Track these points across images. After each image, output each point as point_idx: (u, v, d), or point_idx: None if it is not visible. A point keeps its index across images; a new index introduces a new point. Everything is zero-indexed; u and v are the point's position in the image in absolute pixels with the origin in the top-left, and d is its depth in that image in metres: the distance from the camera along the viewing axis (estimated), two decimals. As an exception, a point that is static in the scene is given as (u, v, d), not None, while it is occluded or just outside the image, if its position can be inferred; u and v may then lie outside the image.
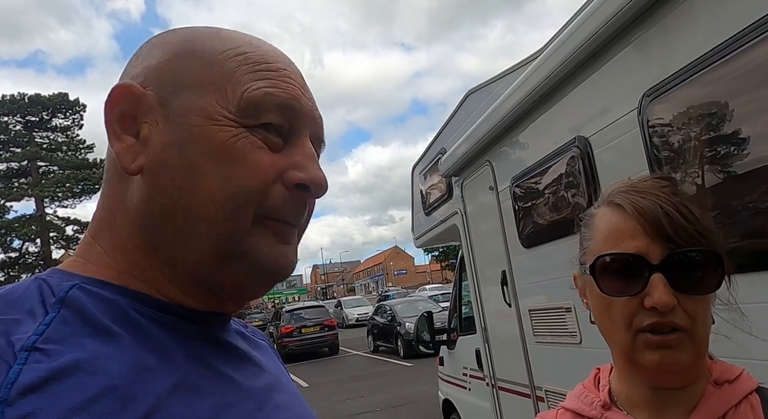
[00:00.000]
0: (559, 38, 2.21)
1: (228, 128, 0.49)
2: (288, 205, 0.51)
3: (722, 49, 1.46)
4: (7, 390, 0.37)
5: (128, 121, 0.50)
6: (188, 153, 0.48)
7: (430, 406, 6.95)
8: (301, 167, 0.51)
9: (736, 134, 1.50)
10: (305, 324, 15.27)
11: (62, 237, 26.74)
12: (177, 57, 0.51)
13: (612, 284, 0.65)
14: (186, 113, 0.49)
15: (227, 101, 0.49)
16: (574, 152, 2.22)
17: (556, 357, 2.54)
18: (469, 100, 3.68)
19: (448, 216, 3.86)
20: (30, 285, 0.47)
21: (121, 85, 0.50)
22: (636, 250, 0.64)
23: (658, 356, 0.62)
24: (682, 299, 0.62)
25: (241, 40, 0.53)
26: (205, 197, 0.48)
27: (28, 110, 26.19)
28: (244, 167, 0.49)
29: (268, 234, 0.50)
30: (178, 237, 0.49)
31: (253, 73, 0.50)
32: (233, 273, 0.50)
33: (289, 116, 0.51)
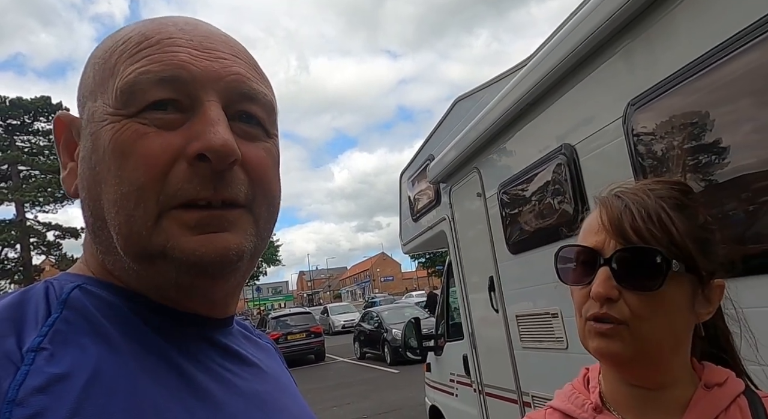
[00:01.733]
0: (546, 47, 2.25)
1: (111, 125, 0.46)
2: (195, 183, 0.45)
3: (705, 60, 1.50)
4: (15, 391, 0.38)
5: (71, 146, 0.52)
6: (92, 163, 0.48)
7: (416, 413, 6.93)
8: (199, 135, 0.45)
9: (718, 142, 1.54)
10: (291, 331, 15.17)
11: (43, 243, 26.24)
12: (85, 71, 0.52)
13: (569, 273, 0.71)
14: (86, 124, 0.49)
15: (110, 97, 0.47)
16: (561, 159, 2.25)
17: (543, 363, 2.56)
18: (458, 107, 3.71)
19: (436, 223, 3.87)
20: (37, 288, 0.47)
21: (56, 117, 0.53)
22: (594, 244, 0.68)
23: (597, 343, 0.66)
24: (626, 294, 0.64)
25: (132, 27, 0.50)
26: (108, 201, 0.47)
27: (9, 114, 25.76)
28: (131, 160, 0.45)
29: (177, 229, 0.45)
30: (109, 246, 0.49)
31: (129, 58, 0.47)
32: (165, 273, 0.47)
33: (179, 86, 0.46)
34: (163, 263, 0.46)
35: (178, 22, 0.50)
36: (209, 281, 0.48)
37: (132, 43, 0.47)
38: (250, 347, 0.60)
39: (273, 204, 0.52)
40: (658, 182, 0.72)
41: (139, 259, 0.47)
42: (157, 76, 0.45)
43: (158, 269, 0.47)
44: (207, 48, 0.48)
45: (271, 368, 0.60)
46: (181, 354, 0.49)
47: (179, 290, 0.49)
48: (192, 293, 0.49)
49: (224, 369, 0.52)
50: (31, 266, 25.81)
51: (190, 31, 0.49)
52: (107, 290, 0.49)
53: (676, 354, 0.68)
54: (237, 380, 0.52)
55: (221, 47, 0.49)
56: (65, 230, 26.72)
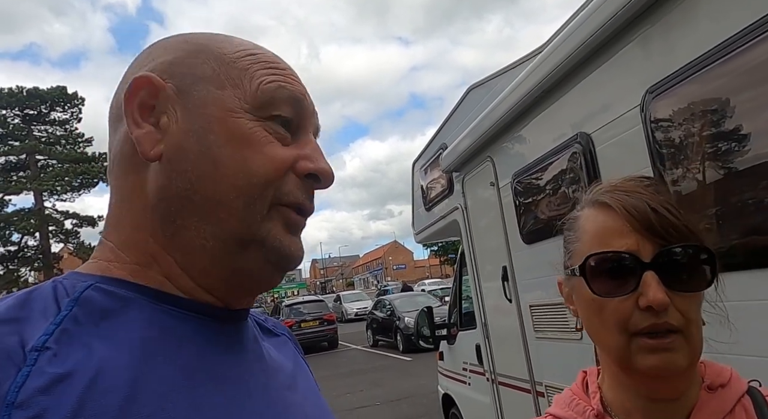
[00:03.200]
0: (561, 34, 2.21)
1: (245, 121, 0.51)
2: (302, 192, 0.53)
3: (726, 46, 1.46)
4: (14, 394, 0.38)
5: (147, 111, 0.51)
6: (208, 142, 0.50)
7: (429, 400, 6.99)
8: (311, 158, 0.54)
9: (739, 130, 1.50)
10: (304, 319, 15.31)
11: (61, 231, 26.72)
12: (194, 54, 0.53)
13: (603, 284, 0.62)
14: (204, 103, 0.51)
15: (244, 94, 0.52)
16: (576, 148, 2.22)
17: (557, 353, 2.55)
18: (471, 95, 3.67)
19: (449, 212, 3.86)
20: (45, 287, 0.47)
21: (142, 75, 0.51)
22: (627, 248, 0.61)
23: (655, 360, 0.59)
24: (675, 298, 0.60)
25: (250, 44, 0.56)
26: (225, 185, 0.50)
27: (26, 104, 26.11)
28: (260, 156, 0.51)
29: (280, 222, 0.52)
30: (197, 223, 0.50)
31: (265, 70, 0.53)
32: (251, 260, 0.51)
33: (298, 110, 0.54)
34: (257, 250, 0.51)
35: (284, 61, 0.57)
36: (279, 275, 0.54)
37: (262, 59, 0.54)
38: (266, 338, 0.60)
39: None
40: (638, 178, 0.68)
41: (239, 242, 0.50)
42: (291, 95, 0.54)
43: (249, 254, 0.51)
44: (306, 88, 0.58)
45: (284, 362, 0.60)
46: (196, 350, 0.48)
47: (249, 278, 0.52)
48: (259, 283, 0.53)
49: (239, 366, 0.52)
50: (50, 253, 26.34)
51: (294, 72, 0.58)
52: (124, 288, 0.49)
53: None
54: (250, 377, 0.52)
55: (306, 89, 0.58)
56: (82, 219, 27.16)
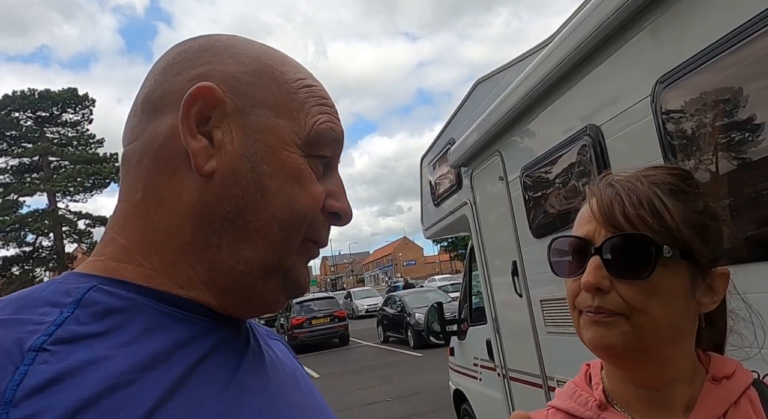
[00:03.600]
0: (570, 25, 2.18)
1: (296, 156, 0.52)
2: (325, 229, 0.56)
3: (738, 34, 1.42)
4: (12, 392, 0.37)
5: (202, 120, 0.50)
6: (261, 170, 0.51)
7: (440, 396, 6.99)
8: (338, 197, 0.56)
9: (753, 120, 1.47)
10: (315, 315, 15.37)
11: (75, 231, 27.06)
12: (255, 74, 0.52)
13: (561, 265, 0.69)
14: (261, 130, 0.51)
15: (299, 129, 0.52)
16: (586, 140, 2.19)
17: (569, 348, 2.53)
18: (478, 89, 3.65)
19: (458, 207, 3.84)
20: (47, 287, 0.47)
21: (207, 85, 0.49)
22: (584, 234, 0.66)
23: (591, 332, 0.63)
24: (618, 284, 0.62)
25: (304, 70, 0.57)
26: (270, 216, 0.51)
27: (38, 106, 26.43)
28: (305, 194, 0.52)
29: (304, 256, 0.55)
30: (234, 245, 0.50)
31: (318, 107, 0.54)
32: (270, 287, 0.53)
33: (335, 151, 0.56)
34: (278, 279, 0.53)
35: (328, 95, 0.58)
36: (286, 302, 0.56)
37: (316, 93, 0.55)
38: (261, 342, 0.59)
39: None
40: (655, 168, 0.69)
41: (268, 270, 0.52)
42: (335, 136, 0.55)
43: (271, 282, 0.53)
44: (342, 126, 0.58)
45: (281, 363, 0.59)
46: (198, 350, 0.48)
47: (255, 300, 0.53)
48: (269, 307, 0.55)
49: (238, 366, 0.51)
50: (64, 254, 26.69)
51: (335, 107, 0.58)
52: (125, 289, 0.48)
53: (677, 347, 0.65)
54: (251, 377, 0.52)
55: None
56: (95, 219, 27.48)
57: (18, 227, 25.37)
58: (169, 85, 0.52)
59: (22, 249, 25.97)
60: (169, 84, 0.52)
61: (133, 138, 0.53)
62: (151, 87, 0.53)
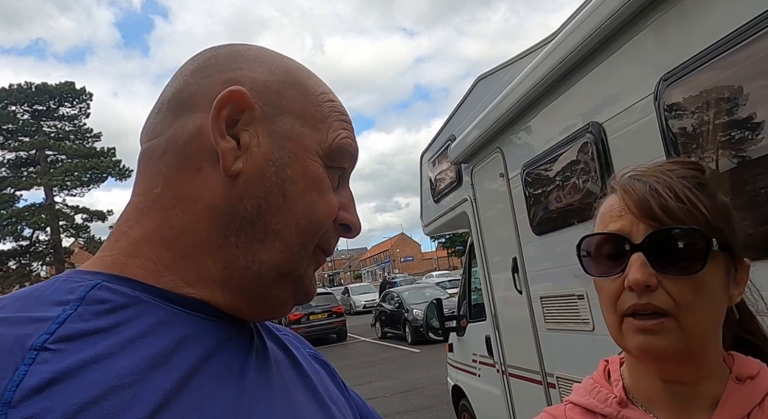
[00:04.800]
0: (573, 22, 2.18)
1: (317, 165, 0.54)
2: (334, 239, 0.57)
3: (743, 32, 1.42)
4: (11, 392, 0.37)
5: (231, 123, 0.51)
6: (284, 175, 0.52)
7: (438, 392, 7.01)
8: (349, 209, 0.57)
9: (756, 118, 1.47)
10: (313, 311, 15.36)
11: (71, 226, 26.96)
12: (284, 84, 0.54)
13: (597, 265, 0.65)
14: (288, 137, 0.53)
15: (322, 140, 0.54)
16: (588, 138, 2.19)
17: (569, 344, 2.54)
18: (480, 86, 3.64)
19: (458, 203, 3.84)
20: (51, 284, 0.46)
21: (239, 90, 0.51)
22: (619, 229, 0.62)
23: (639, 341, 0.60)
24: (664, 281, 0.59)
25: (327, 86, 0.59)
26: (290, 220, 0.52)
27: (35, 99, 26.27)
28: (324, 202, 0.54)
29: (314, 263, 0.56)
30: (251, 247, 0.51)
31: (339, 122, 0.56)
32: (281, 291, 0.53)
33: (350, 164, 0.58)
34: (289, 284, 0.54)
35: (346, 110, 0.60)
36: (291, 309, 0.56)
37: (337, 109, 0.57)
38: (272, 341, 0.59)
39: None
40: (674, 162, 0.68)
41: (281, 273, 0.52)
42: (351, 153, 0.57)
43: (281, 285, 0.53)
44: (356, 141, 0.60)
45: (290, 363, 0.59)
46: (203, 349, 0.47)
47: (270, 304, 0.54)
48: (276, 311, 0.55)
49: (244, 366, 0.50)
50: (61, 248, 26.61)
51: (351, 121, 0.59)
52: (129, 286, 0.47)
53: (716, 343, 0.65)
54: (257, 377, 0.51)
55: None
56: (92, 213, 27.38)
57: (15, 221, 25.27)
58: (198, 86, 0.53)
59: (19, 243, 25.89)
60: (199, 85, 0.53)
61: (155, 134, 0.53)
62: (180, 86, 0.54)
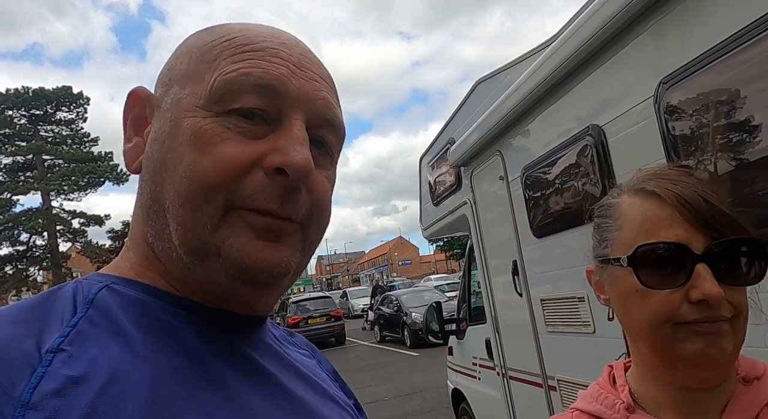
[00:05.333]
0: (573, 25, 2.19)
1: (196, 118, 0.47)
2: (267, 192, 0.46)
3: (743, 35, 1.43)
4: (29, 394, 0.37)
5: (140, 122, 0.52)
6: (164, 148, 0.48)
7: (437, 395, 7.00)
8: (282, 150, 0.46)
9: (756, 121, 1.48)
10: (311, 315, 15.36)
11: (69, 230, 26.89)
12: (176, 56, 0.52)
13: (652, 276, 0.61)
14: (168, 107, 0.49)
15: (202, 90, 0.47)
16: (588, 140, 2.20)
17: (569, 347, 2.54)
18: (479, 89, 3.65)
19: (457, 206, 3.85)
20: (66, 287, 0.47)
21: (130, 91, 0.52)
22: (677, 239, 0.60)
23: (702, 343, 0.58)
24: (726, 291, 0.59)
25: (236, 28, 0.50)
26: (173, 191, 0.47)
27: (32, 104, 26.24)
28: (208, 157, 0.45)
29: (242, 228, 0.46)
30: (161, 232, 0.48)
31: (233, 57, 0.47)
32: (212, 272, 0.47)
33: (272, 98, 0.47)
34: (215, 262, 0.46)
35: (280, 35, 0.51)
36: (252, 288, 0.48)
37: (236, 43, 0.48)
38: (283, 349, 0.58)
39: (322, 228, 0.53)
40: (679, 167, 0.67)
41: (193, 253, 0.47)
42: (255, 81, 0.46)
43: (208, 266, 0.47)
44: (304, 67, 0.50)
45: (307, 371, 0.58)
46: (209, 353, 0.47)
47: (221, 292, 0.49)
48: (231, 297, 0.49)
49: (253, 370, 0.50)
50: (58, 253, 26.52)
51: (292, 47, 0.50)
52: (136, 289, 0.48)
53: None
54: (267, 382, 0.51)
55: (315, 69, 0.51)
56: (90, 218, 27.32)
57: (11, 226, 25.19)
58: None
59: (16, 248, 25.81)
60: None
61: None
62: None
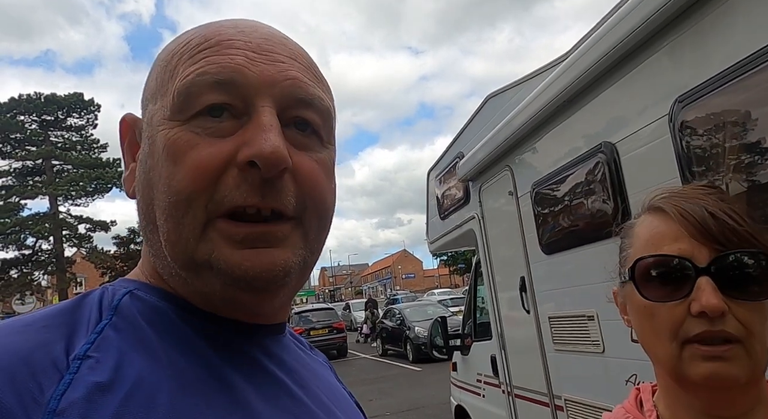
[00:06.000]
0: (587, 42, 2.19)
1: (165, 131, 0.46)
2: (243, 189, 0.44)
3: (761, 55, 1.43)
4: (56, 401, 0.37)
5: (134, 148, 0.52)
6: (147, 167, 0.48)
7: (439, 411, 6.91)
8: (251, 142, 0.44)
9: (773, 141, 1.46)
10: (314, 326, 15.27)
11: (75, 235, 27.00)
12: (149, 74, 0.52)
13: (655, 289, 0.61)
14: (146, 127, 0.49)
15: (167, 101, 0.46)
16: (600, 158, 2.19)
17: (578, 366, 2.50)
18: (489, 104, 3.66)
19: (465, 221, 3.83)
20: (95, 293, 0.48)
21: (121, 119, 0.53)
22: (680, 252, 0.60)
23: (708, 368, 0.56)
24: (733, 306, 0.57)
25: (196, 30, 0.49)
26: (159, 208, 0.46)
27: (43, 110, 26.53)
28: (182, 168, 0.44)
29: (224, 239, 0.44)
30: (158, 251, 0.48)
31: (189, 60, 0.46)
32: (210, 284, 0.46)
33: (234, 90, 0.45)
34: (209, 274, 0.45)
35: (238, 25, 0.49)
36: (253, 295, 0.46)
37: (192, 45, 0.47)
38: (302, 358, 0.58)
39: (325, 217, 0.51)
40: (705, 186, 0.67)
41: (186, 267, 0.46)
42: (212, 79, 0.44)
43: (204, 279, 0.46)
44: (265, 50, 0.47)
45: (324, 381, 0.58)
46: (227, 363, 0.47)
47: (224, 302, 0.48)
48: (236, 306, 0.48)
49: (271, 379, 0.50)
50: (64, 258, 26.60)
51: (249, 33, 0.48)
52: (157, 296, 0.48)
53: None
54: (284, 391, 0.50)
55: (279, 49, 0.48)
56: (96, 224, 27.43)
57: (18, 230, 25.31)
58: None
59: (22, 252, 25.90)
60: None
61: None
62: None
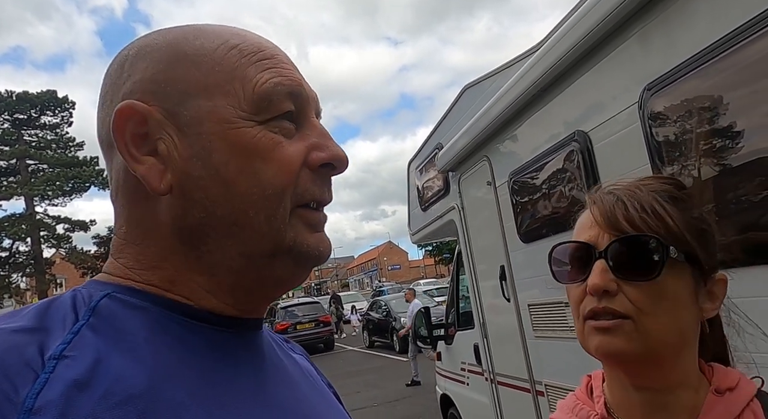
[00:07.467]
0: (558, 31, 2.20)
1: (246, 129, 0.48)
2: (317, 186, 0.52)
3: (726, 42, 1.45)
4: (32, 400, 0.38)
5: (140, 140, 0.48)
6: (214, 163, 0.48)
7: (426, 401, 6.97)
8: (321, 146, 0.52)
9: (739, 127, 1.49)
10: (300, 321, 15.27)
11: (53, 236, 26.50)
12: (170, 65, 0.49)
13: (563, 272, 0.69)
14: (199, 122, 0.48)
15: (239, 100, 0.48)
16: (574, 146, 2.21)
17: (557, 352, 2.54)
18: (466, 95, 3.67)
19: (445, 212, 3.85)
20: (65, 296, 0.47)
21: (122, 106, 0.47)
22: (587, 239, 0.66)
23: (595, 340, 0.63)
24: (625, 287, 0.62)
25: (224, 32, 0.51)
26: (241, 204, 0.48)
27: (16, 108, 25.88)
28: (271, 164, 0.49)
29: (302, 226, 0.51)
30: (222, 245, 0.49)
31: (254, 66, 0.50)
32: (279, 268, 0.51)
33: (298, 101, 0.51)
34: (286, 257, 0.50)
35: (268, 43, 0.53)
36: (308, 273, 0.53)
37: (248, 51, 0.50)
38: (281, 355, 0.59)
39: None
40: (651, 178, 0.72)
41: (268, 254, 0.49)
42: (288, 90, 0.50)
43: (278, 262, 0.50)
44: (298, 70, 0.54)
45: (301, 377, 0.59)
46: (212, 360, 0.48)
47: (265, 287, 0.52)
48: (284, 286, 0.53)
49: (254, 372, 0.51)
50: (42, 259, 26.11)
51: (284, 53, 0.54)
52: (137, 297, 0.48)
53: (682, 352, 0.65)
54: (268, 387, 0.51)
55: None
56: (74, 223, 26.95)
57: (-6, 232, 24.75)
58: (105, 120, 0.50)
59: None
60: (105, 119, 0.50)
61: (109, 175, 0.54)
62: (98, 126, 0.52)
